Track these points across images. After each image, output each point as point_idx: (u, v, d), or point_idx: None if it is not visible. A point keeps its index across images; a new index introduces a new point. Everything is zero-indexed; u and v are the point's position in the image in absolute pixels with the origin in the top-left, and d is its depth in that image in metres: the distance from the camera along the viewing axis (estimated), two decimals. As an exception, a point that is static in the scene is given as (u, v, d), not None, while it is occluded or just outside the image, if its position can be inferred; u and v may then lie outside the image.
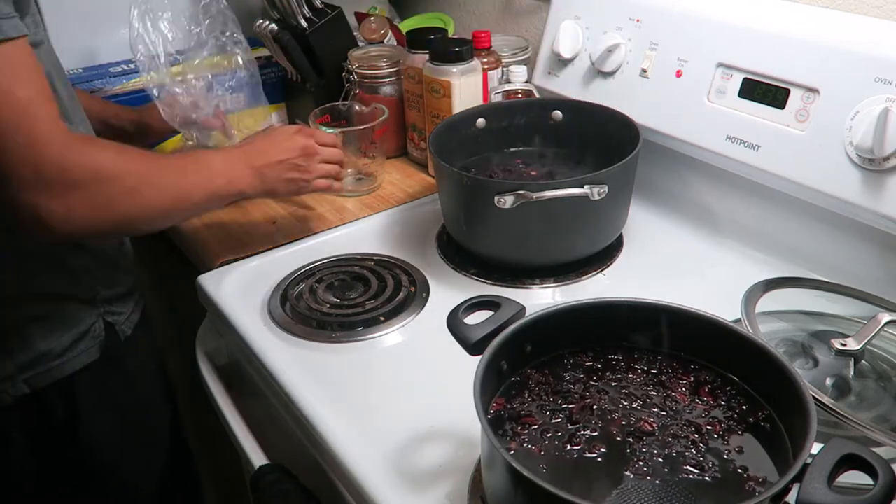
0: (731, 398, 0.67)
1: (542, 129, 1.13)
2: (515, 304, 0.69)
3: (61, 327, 0.95)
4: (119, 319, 1.01)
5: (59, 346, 0.95)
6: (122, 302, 1.02)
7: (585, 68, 1.15)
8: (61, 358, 0.95)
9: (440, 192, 1.06)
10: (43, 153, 0.73)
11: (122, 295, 1.02)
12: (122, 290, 1.02)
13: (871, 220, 0.89)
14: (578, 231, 0.98)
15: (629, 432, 0.64)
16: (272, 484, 0.82)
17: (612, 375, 0.70)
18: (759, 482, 0.59)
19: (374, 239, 1.12)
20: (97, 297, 0.98)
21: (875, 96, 0.84)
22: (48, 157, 0.73)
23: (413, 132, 1.32)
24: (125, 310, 1.02)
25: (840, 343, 0.77)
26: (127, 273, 1.04)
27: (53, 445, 1.01)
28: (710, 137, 1.00)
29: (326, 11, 1.35)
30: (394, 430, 0.78)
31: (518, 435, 0.64)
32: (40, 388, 0.96)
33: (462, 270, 1.02)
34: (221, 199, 0.93)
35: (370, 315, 0.94)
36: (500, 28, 1.50)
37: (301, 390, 0.83)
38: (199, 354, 1.05)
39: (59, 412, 0.99)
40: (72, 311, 0.96)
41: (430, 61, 1.19)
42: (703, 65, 1.01)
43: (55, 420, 0.99)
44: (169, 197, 0.85)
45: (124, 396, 1.05)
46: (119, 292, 1.01)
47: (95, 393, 1.00)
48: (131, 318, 1.04)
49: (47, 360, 0.95)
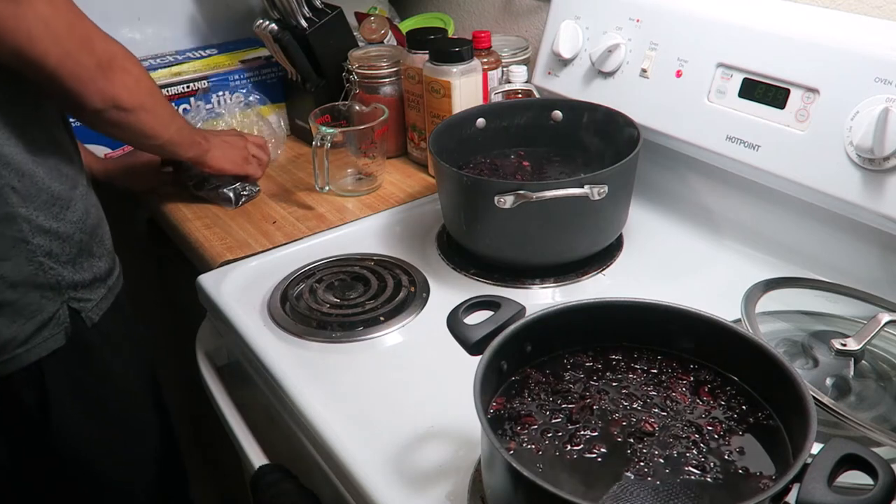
0: (731, 398, 0.67)
1: (542, 129, 1.13)
2: (515, 304, 0.69)
3: (25, 315, 0.94)
4: (85, 306, 1.00)
5: (22, 333, 0.94)
6: (89, 288, 1.01)
7: (585, 68, 1.15)
8: (26, 345, 0.95)
9: (440, 192, 1.06)
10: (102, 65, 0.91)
11: (90, 281, 1.01)
12: (88, 277, 1.00)
13: (871, 220, 0.89)
14: (578, 231, 0.98)
15: (630, 433, 0.63)
16: (272, 484, 0.82)
17: (613, 375, 0.70)
18: (760, 482, 0.59)
19: (374, 239, 1.12)
20: (61, 282, 0.97)
21: (875, 96, 0.84)
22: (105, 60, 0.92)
23: (413, 132, 1.32)
24: (93, 297, 1.01)
25: (840, 343, 0.77)
26: (100, 259, 1.02)
27: (26, 434, 1.02)
28: (710, 137, 1.00)
29: (326, 11, 1.35)
30: (394, 430, 0.78)
31: (518, 435, 0.64)
32: (7, 374, 0.96)
33: (462, 270, 1.02)
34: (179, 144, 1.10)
35: (370, 315, 0.94)
36: (500, 28, 1.51)
37: (301, 390, 0.83)
38: (199, 354, 1.05)
39: (29, 399, 0.99)
40: (34, 299, 0.95)
41: (430, 61, 1.19)
42: (703, 65, 1.01)
43: (25, 408, 0.99)
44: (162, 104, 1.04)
45: (97, 385, 1.04)
46: (85, 278, 1.00)
47: (66, 380, 1.00)
48: (100, 305, 1.02)
49: (12, 348, 0.94)
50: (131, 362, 1.11)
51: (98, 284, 1.02)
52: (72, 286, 0.98)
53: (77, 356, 1.01)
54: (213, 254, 1.11)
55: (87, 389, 1.04)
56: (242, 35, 1.50)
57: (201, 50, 1.47)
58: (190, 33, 1.49)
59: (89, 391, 1.04)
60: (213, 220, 1.19)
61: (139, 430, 1.13)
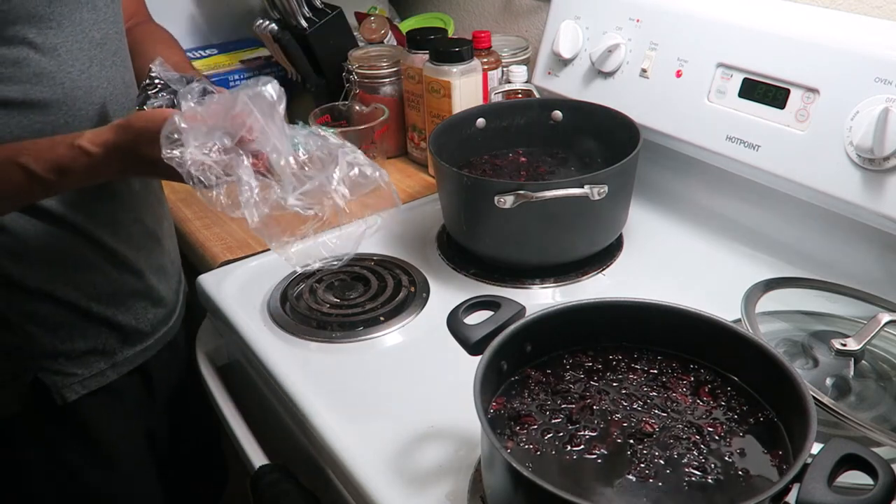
0: (732, 398, 0.67)
1: (542, 129, 1.13)
2: (515, 304, 0.69)
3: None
4: (61, 381, 0.92)
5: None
6: (75, 361, 0.92)
7: (585, 68, 1.15)
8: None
9: (440, 192, 1.06)
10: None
11: (82, 352, 0.93)
12: (75, 348, 0.92)
13: (871, 220, 0.89)
14: (578, 231, 0.98)
15: (630, 433, 0.63)
16: (272, 484, 0.82)
17: (613, 376, 0.70)
18: (760, 483, 0.59)
19: (374, 239, 1.11)
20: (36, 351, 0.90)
21: (875, 96, 0.84)
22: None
23: (413, 132, 1.32)
24: (80, 371, 0.93)
25: (840, 343, 0.76)
26: (98, 326, 0.94)
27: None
28: (710, 137, 1.00)
29: (326, 11, 1.35)
30: (394, 429, 0.78)
31: (518, 434, 0.64)
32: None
33: (462, 270, 1.02)
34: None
35: (370, 315, 0.94)
36: (500, 28, 1.51)
37: (301, 390, 0.83)
38: (199, 354, 1.04)
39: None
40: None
41: (430, 61, 1.19)
42: (703, 65, 1.01)
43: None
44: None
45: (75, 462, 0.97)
46: (73, 349, 0.92)
47: (31, 447, 0.95)
48: (87, 382, 0.94)
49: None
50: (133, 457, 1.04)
51: (88, 357, 0.95)
52: (49, 355, 0.92)
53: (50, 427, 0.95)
54: (213, 254, 1.11)
55: (62, 460, 0.97)
56: (242, 35, 1.50)
57: (201, 50, 1.47)
58: (190, 33, 1.49)
59: (64, 461, 0.97)
60: (213, 220, 1.19)
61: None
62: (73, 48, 0.85)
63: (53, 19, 0.82)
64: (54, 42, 0.83)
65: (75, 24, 0.85)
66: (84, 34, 0.86)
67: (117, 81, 0.91)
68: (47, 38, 0.82)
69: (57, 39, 0.83)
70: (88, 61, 0.87)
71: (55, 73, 0.83)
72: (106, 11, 0.89)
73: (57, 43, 0.83)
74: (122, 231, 0.95)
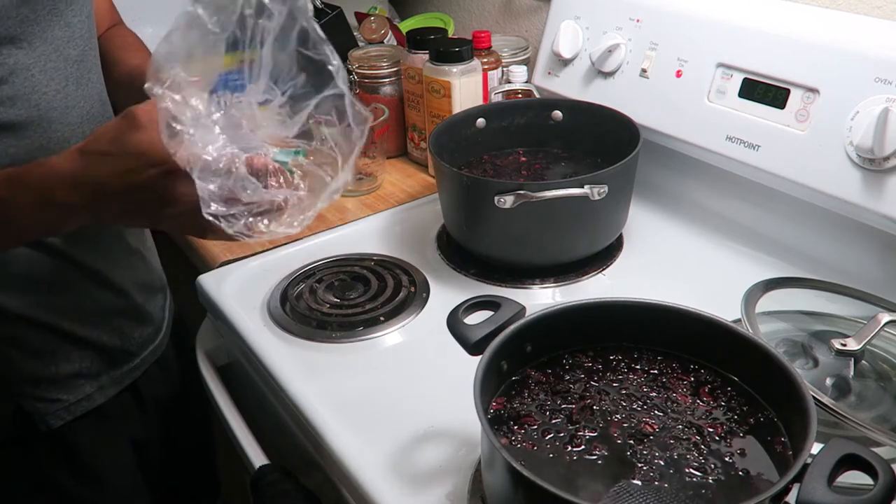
0: (732, 398, 0.67)
1: (542, 129, 1.13)
2: (515, 304, 0.69)
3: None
4: (45, 408, 0.89)
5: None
6: (59, 386, 0.89)
7: (585, 68, 1.15)
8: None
9: (440, 192, 1.06)
10: None
11: (66, 377, 0.90)
12: (59, 372, 0.89)
13: (871, 220, 0.89)
14: (578, 231, 0.98)
15: (630, 434, 0.63)
16: (272, 484, 0.82)
17: (613, 376, 0.70)
18: (760, 483, 0.59)
19: (374, 239, 1.12)
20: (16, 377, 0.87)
21: (875, 96, 0.84)
22: None
23: (413, 132, 1.32)
24: (65, 396, 0.90)
25: (840, 343, 0.76)
26: (83, 349, 0.91)
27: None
28: (710, 137, 1.00)
29: (326, 11, 1.35)
30: (394, 430, 0.78)
31: (518, 434, 0.64)
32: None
33: (462, 270, 1.02)
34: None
35: (370, 315, 0.94)
36: (500, 28, 1.51)
37: (301, 390, 0.83)
38: (199, 354, 1.04)
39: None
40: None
41: (430, 61, 1.19)
42: (703, 65, 1.01)
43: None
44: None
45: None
46: (57, 373, 0.89)
47: (18, 471, 0.92)
48: (73, 408, 0.91)
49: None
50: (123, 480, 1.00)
51: (72, 381, 0.92)
52: (32, 381, 0.89)
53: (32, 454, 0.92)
54: (213, 254, 1.11)
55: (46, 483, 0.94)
56: (242, 35, 1.50)
57: (201, 50, 1.47)
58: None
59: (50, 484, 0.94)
60: (213, 220, 1.19)
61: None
62: (47, 67, 0.81)
63: (24, 39, 0.79)
64: (26, 62, 0.79)
65: (48, 43, 0.81)
66: (58, 52, 0.83)
67: (94, 99, 0.88)
68: (19, 58, 0.79)
69: (29, 60, 0.79)
70: (64, 80, 0.83)
71: (29, 95, 0.80)
72: (80, 28, 0.86)
73: (29, 63, 0.80)
74: (103, 250, 0.92)
